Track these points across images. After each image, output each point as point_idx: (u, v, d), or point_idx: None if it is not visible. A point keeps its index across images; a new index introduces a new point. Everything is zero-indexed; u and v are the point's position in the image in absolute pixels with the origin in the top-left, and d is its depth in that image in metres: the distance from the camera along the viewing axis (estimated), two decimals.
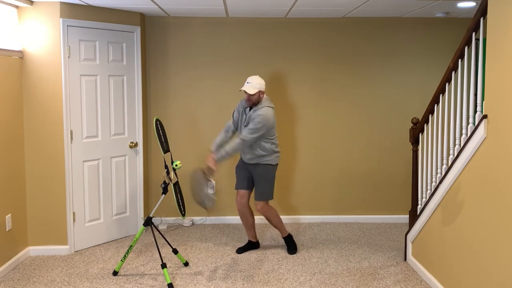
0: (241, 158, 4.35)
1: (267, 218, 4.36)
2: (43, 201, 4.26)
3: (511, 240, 2.60)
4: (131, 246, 3.85)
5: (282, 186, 5.29)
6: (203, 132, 5.17)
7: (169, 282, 3.60)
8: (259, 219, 4.72)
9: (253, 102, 4.08)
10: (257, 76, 4.13)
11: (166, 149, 3.84)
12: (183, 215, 3.78)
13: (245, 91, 4.05)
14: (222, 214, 5.29)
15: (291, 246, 4.42)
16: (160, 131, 3.84)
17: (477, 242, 2.97)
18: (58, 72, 4.16)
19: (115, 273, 3.87)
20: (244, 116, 4.18)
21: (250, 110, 4.15)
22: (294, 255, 4.32)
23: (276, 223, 4.37)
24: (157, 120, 3.84)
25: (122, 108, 4.71)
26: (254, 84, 4.05)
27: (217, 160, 4.05)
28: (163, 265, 3.67)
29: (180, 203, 3.79)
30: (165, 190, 3.82)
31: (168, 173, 3.80)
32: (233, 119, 4.32)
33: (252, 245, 4.48)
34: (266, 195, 4.25)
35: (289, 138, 5.23)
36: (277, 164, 4.28)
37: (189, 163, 5.15)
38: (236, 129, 4.31)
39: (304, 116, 5.23)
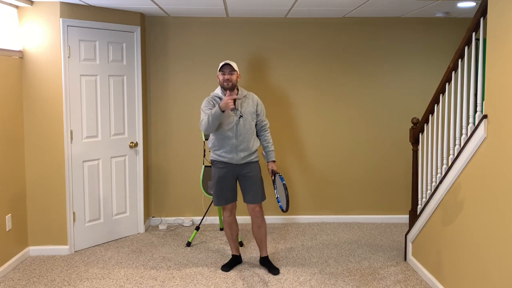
0: (223, 166, 3.78)
1: (259, 225, 3.88)
2: (43, 201, 4.26)
3: (511, 240, 2.60)
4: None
5: None
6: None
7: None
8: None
9: (233, 83, 3.73)
10: None
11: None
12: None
13: (224, 71, 3.72)
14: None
15: (271, 265, 3.96)
16: None
17: (477, 242, 2.97)
18: (58, 72, 4.16)
19: (188, 244, 4.54)
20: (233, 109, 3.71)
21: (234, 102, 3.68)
22: (294, 254, 4.32)
23: (265, 234, 3.94)
24: None
25: (122, 108, 4.71)
26: (234, 64, 3.76)
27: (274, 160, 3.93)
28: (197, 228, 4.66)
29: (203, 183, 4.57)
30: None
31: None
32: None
33: (237, 260, 4.08)
34: (263, 194, 3.86)
35: (289, 139, 5.23)
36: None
37: (187, 162, 5.16)
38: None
39: (304, 115, 5.23)
